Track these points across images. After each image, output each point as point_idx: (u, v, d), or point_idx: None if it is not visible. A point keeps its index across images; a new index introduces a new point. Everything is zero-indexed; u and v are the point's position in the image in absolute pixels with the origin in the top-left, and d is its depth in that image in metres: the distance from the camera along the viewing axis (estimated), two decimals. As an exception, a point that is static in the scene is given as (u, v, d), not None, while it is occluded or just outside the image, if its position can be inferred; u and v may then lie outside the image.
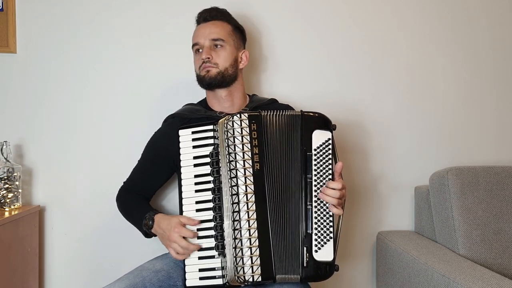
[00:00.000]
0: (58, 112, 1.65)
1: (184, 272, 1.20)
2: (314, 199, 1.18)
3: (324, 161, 1.20)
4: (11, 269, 1.43)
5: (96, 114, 1.66)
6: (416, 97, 1.77)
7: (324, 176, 1.20)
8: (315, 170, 1.19)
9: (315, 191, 1.18)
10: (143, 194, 1.46)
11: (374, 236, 1.76)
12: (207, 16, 1.42)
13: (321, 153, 1.20)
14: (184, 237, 1.19)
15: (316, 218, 1.18)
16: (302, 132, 1.21)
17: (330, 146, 1.21)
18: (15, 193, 1.54)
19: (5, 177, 1.52)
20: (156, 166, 1.44)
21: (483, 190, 1.51)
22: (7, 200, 1.51)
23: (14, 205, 1.53)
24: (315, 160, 1.20)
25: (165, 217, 1.26)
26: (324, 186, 1.18)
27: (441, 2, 1.78)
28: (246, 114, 1.21)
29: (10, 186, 1.52)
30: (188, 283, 1.19)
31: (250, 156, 1.18)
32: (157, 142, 1.44)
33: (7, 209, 1.50)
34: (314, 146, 1.20)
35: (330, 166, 1.20)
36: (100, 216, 1.65)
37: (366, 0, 1.75)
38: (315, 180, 1.19)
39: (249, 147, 1.19)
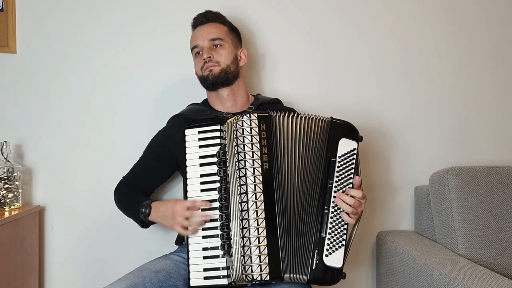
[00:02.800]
0: (58, 112, 1.65)
1: (188, 272, 1.19)
2: (332, 204, 1.19)
3: (346, 169, 1.21)
4: (11, 269, 1.43)
5: (97, 114, 1.66)
6: (415, 97, 1.77)
7: (344, 184, 1.21)
8: (337, 177, 1.20)
9: (334, 197, 1.19)
10: (141, 190, 1.47)
11: (374, 236, 1.76)
12: (203, 19, 1.44)
13: (344, 161, 1.21)
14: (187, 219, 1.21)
15: (331, 223, 1.19)
16: (329, 138, 1.22)
17: (354, 157, 1.22)
18: (15, 193, 1.54)
19: (5, 177, 1.52)
20: (157, 164, 1.44)
21: (483, 190, 1.51)
22: (7, 200, 1.51)
23: (14, 205, 1.53)
24: (338, 167, 1.21)
25: (162, 202, 1.31)
26: (344, 192, 1.19)
27: (445, 3, 1.78)
28: (256, 114, 1.21)
29: (10, 186, 1.52)
30: (192, 283, 1.19)
31: (259, 156, 1.18)
32: (160, 140, 1.44)
33: (7, 209, 1.50)
34: (339, 154, 1.21)
35: (351, 176, 1.21)
36: (100, 216, 1.65)
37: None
38: (335, 187, 1.20)
39: (258, 147, 1.19)
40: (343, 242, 1.18)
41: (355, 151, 1.22)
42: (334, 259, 1.17)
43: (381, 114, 1.76)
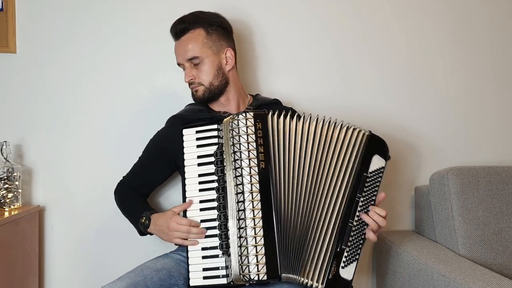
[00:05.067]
0: (58, 112, 1.65)
1: (188, 272, 1.19)
2: (355, 218, 1.19)
3: (373, 186, 1.22)
4: (11, 269, 1.43)
5: (96, 114, 1.66)
6: (416, 98, 1.77)
7: (368, 200, 1.21)
8: (365, 192, 1.21)
9: (359, 211, 1.20)
10: (141, 190, 1.47)
11: (374, 236, 1.76)
12: (177, 30, 1.38)
13: (373, 178, 1.22)
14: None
15: (352, 236, 1.19)
16: (366, 152, 1.22)
17: (381, 175, 1.23)
18: (15, 193, 1.53)
19: (5, 177, 1.51)
20: (157, 165, 1.44)
21: (483, 190, 1.51)
22: (7, 200, 1.51)
23: (14, 205, 1.53)
24: (368, 183, 1.21)
25: (160, 214, 1.30)
26: (368, 209, 1.20)
27: (448, 6, 1.78)
28: (252, 113, 1.21)
29: (10, 186, 1.52)
30: (191, 283, 1.19)
31: (255, 155, 1.18)
32: (159, 141, 1.44)
33: (7, 209, 1.50)
34: (370, 169, 1.22)
35: (376, 193, 1.22)
36: (100, 216, 1.65)
37: None
38: (362, 201, 1.20)
39: (254, 146, 1.18)
40: (357, 257, 1.19)
41: (383, 170, 1.23)
42: (347, 272, 1.18)
43: (381, 114, 1.75)
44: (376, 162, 1.23)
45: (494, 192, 1.51)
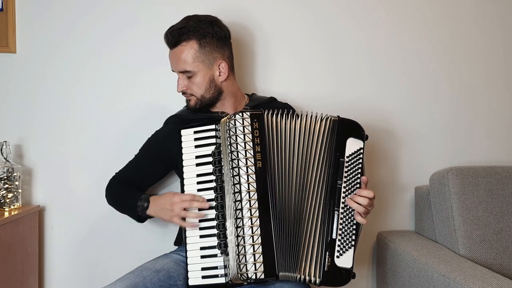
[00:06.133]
0: (58, 112, 1.65)
1: (187, 271, 1.20)
2: (341, 205, 1.19)
3: (354, 169, 1.21)
4: (11, 269, 1.43)
5: (96, 114, 1.66)
6: (415, 97, 1.77)
7: (352, 184, 1.21)
8: (345, 177, 1.20)
9: (343, 197, 1.20)
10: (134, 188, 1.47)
11: (374, 236, 1.76)
12: (170, 40, 1.35)
13: (352, 161, 1.21)
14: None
15: (341, 224, 1.19)
16: (338, 137, 1.22)
17: (361, 156, 1.22)
18: (15, 193, 1.54)
19: (5, 177, 1.52)
20: (153, 164, 1.44)
21: (483, 190, 1.51)
22: (7, 200, 1.51)
23: (14, 205, 1.53)
24: (347, 167, 1.21)
25: (159, 196, 1.32)
26: (354, 193, 1.20)
27: (442, 6, 1.78)
28: (248, 113, 1.21)
29: (10, 186, 1.52)
30: (190, 282, 1.19)
31: (252, 154, 1.18)
32: (157, 141, 1.44)
33: (7, 209, 1.50)
34: (347, 153, 1.21)
35: (358, 176, 1.21)
36: (100, 216, 1.65)
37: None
38: (344, 187, 1.20)
39: (251, 146, 1.18)
40: (353, 243, 1.19)
41: (362, 151, 1.22)
42: (344, 260, 1.17)
43: (381, 114, 1.75)
44: (352, 145, 1.22)
45: (494, 192, 1.51)
